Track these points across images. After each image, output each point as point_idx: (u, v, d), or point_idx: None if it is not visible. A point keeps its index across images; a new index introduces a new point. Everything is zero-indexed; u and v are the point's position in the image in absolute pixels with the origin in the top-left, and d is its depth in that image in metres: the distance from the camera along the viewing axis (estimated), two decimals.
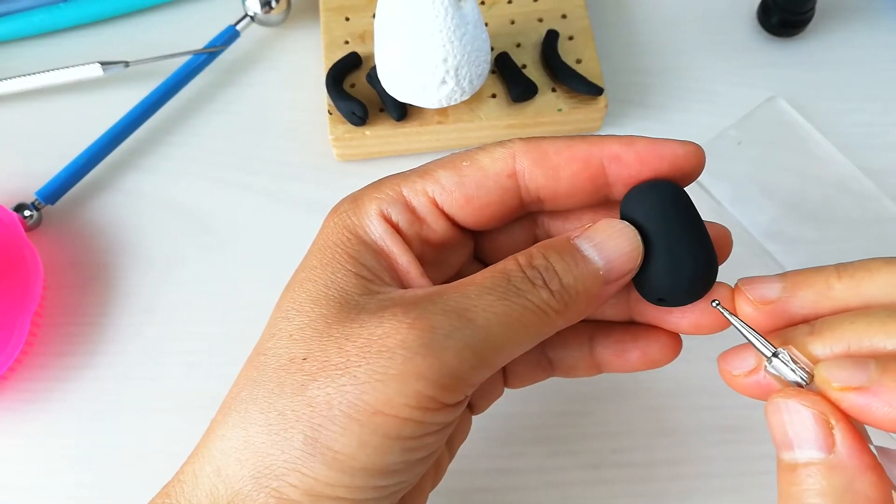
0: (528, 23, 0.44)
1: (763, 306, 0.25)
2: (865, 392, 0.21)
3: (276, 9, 0.45)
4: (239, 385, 0.25)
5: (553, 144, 0.26)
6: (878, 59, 0.45)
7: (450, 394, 0.23)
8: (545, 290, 0.24)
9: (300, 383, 0.24)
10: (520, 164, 0.26)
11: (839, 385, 0.22)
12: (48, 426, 0.37)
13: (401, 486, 0.25)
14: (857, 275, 0.24)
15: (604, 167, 0.26)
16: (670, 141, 0.26)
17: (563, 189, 0.26)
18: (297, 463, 0.23)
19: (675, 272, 0.25)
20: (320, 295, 0.25)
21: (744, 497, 0.35)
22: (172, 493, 0.25)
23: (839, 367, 0.22)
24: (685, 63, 0.46)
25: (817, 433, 0.22)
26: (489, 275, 0.24)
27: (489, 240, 0.29)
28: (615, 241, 0.25)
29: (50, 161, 0.42)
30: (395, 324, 0.23)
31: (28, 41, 0.47)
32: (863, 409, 0.22)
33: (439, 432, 0.24)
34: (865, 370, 0.22)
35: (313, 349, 0.24)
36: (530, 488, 0.36)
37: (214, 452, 0.24)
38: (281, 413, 0.23)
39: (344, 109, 0.41)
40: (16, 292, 0.37)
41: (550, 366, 0.30)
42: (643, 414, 0.37)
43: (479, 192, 0.26)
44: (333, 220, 0.27)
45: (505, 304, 0.24)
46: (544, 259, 0.25)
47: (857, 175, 0.41)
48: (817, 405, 0.22)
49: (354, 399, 0.23)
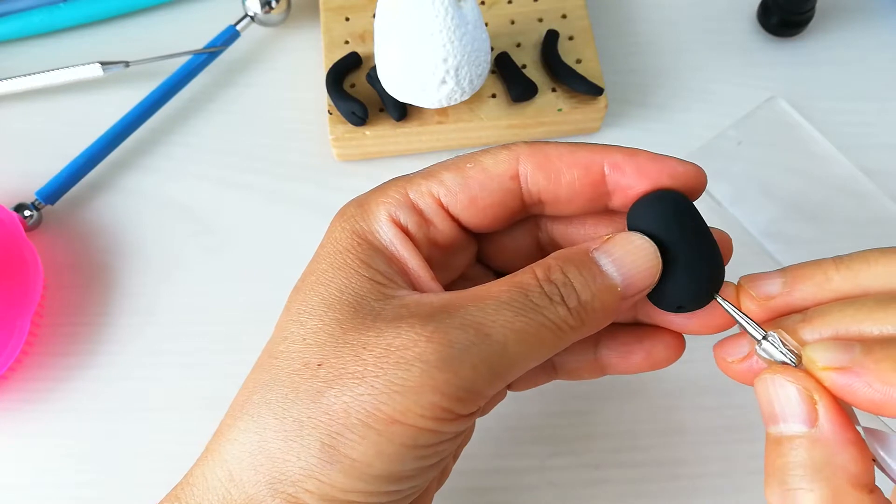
0: (528, 23, 0.44)
1: (766, 302, 0.26)
2: (848, 372, 0.22)
3: (276, 9, 0.45)
4: (250, 388, 0.25)
5: (556, 149, 0.27)
6: (878, 59, 0.45)
7: (464, 405, 0.24)
8: (563, 306, 0.24)
9: (316, 390, 0.24)
10: (522, 167, 0.27)
11: (823, 364, 0.23)
12: (48, 426, 0.37)
13: (413, 490, 0.25)
14: (854, 265, 0.25)
15: (604, 175, 0.26)
16: (672, 158, 0.26)
17: (564, 193, 0.27)
18: (314, 470, 0.23)
19: (694, 281, 0.26)
20: (334, 299, 0.25)
21: (744, 497, 0.35)
22: (182, 497, 0.25)
23: (825, 349, 0.23)
24: (685, 63, 0.46)
25: (801, 407, 0.23)
26: (506, 288, 0.24)
27: (492, 243, 0.29)
28: (634, 257, 0.25)
29: (50, 161, 0.42)
30: (414, 336, 0.23)
31: (28, 41, 0.47)
32: (845, 389, 0.22)
33: (452, 440, 0.25)
34: (850, 352, 0.22)
35: (328, 355, 0.24)
36: (531, 488, 0.36)
37: (226, 457, 0.24)
38: (297, 420, 0.24)
39: (344, 109, 0.41)
40: (16, 292, 0.37)
41: (554, 369, 0.31)
42: (644, 414, 0.37)
43: (483, 193, 0.27)
44: (341, 224, 0.27)
45: (522, 321, 0.24)
46: (562, 274, 0.25)
47: (857, 175, 0.41)
48: (802, 381, 0.23)
49: (372, 409, 0.23)
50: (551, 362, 0.30)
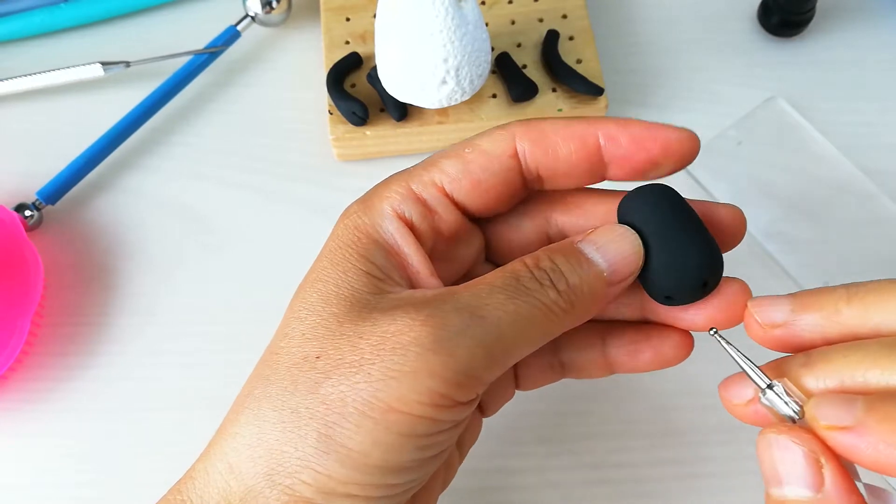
0: (528, 23, 0.44)
1: (771, 329, 0.25)
2: (851, 432, 0.21)
3: (277, 9, 0.45)
4: (251, 383, 0.26)
5: (551, 124, 0.27)
6: (878, 59, 0.45)
7: (462, 391, 0.24)
8: (553, 289, 0.25)
9: (314, 381, 0.24)
10: (520, 145, 0.27)
11: (826, 424, 0.22)
12: (48, 426, 0.37)
13: (412, 484, 0.25)
14: (867, 298, 0.24)
15: (600, 147, 0.27)
16: (665, 125, 0.27)
17: (562, 167, 0.27)
18: (311, 460, 0.23)
19: (677, 270, 0.26)
20: (331, 294, 0.25)
21: (744, 497, 0.35)
22: (184, 490, 0.25)
23: (827, 405, 0.22)
24: (685, 63, 0.46)
25: (807, 471, 0.22)
26: (499, 275, 0.25)
27: (502, 239, 0.30)
28: (617, 245, 0.26)
29: (50, 161, 0.42)
30: (408, 321, 0.24)
31: (28, 41, 0.47)
32: (849, 449, 0.21)
33: (451, 430, 0.25)
34: (852, 409, 0.21)
35: (326, 347, 0.24)
36: (531, 488, 0.36)
37: (227, 450, 0.25)
38: (294, 410, 0.24)
39: (344, 109, 0.41)
40: (16, 292, 0.37)
41: (562, 368, 0.31)
42: (644, 414, 0.37)
43: (485, 176, 0.27)
44: (344, 222, 0.27)
45: (515, 303, 0.24)
46: (550, 261, 0.25)
47: (857, 175, 0.41)
48: (808, 443, 0.22)
49: (368, 396, 0.23)
50: (560, 360, 0.31)
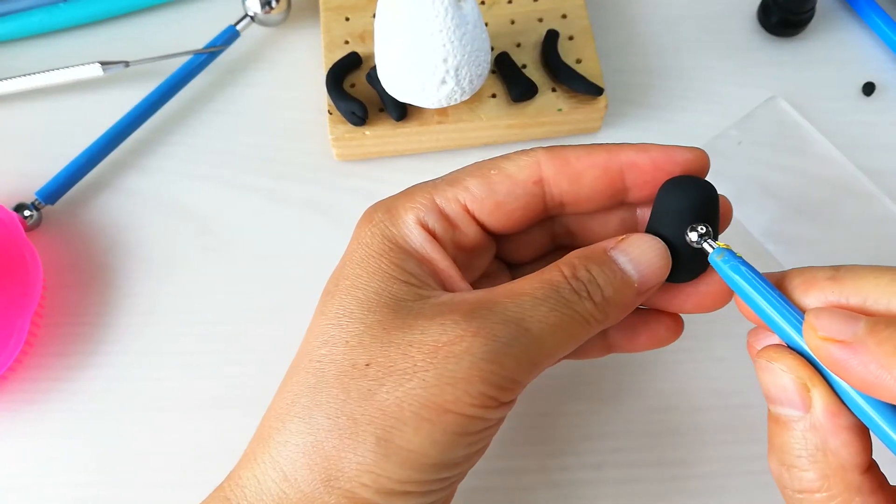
0: (528, 23, 0.44)
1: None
2: (847, 347, 0.22)
3: (276, 9, 0.45)
4: (295, 392, 0.26)
5: (574, 152, 0.28)
6: (877, 59, 0.45)
7: (507, 393, 0.26)
8: (590, 301, 0.26)
9: (367, 388, 0.25)
10: (545, 172, 0.28)
11: (823, 335, 0.23)
12: (48, 426, 0.37)
13: (459, 476, 0.27)
14: None
15: (622, 173, 0.28)
16: (679, 147, 0.28)
17: (585, 194, 0.28)
18: (370, 464, 0.24)
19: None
20: (373, 302, 0.26)
21: (744, 497, 0.35)
22: (233, 498, 0.26)
23: (828, 317, 0.23)
24: (685, 63, 0.46)
25: (795, 395, 0.24)
26: (538, 285, 0.26)
27: (510, 239, 0.31)
28: (648, 257, 0.27)
29: (50, 161, 0.42)
30: (460, 332, 0.25)
31: (28, 41, 0.47)
32: (839, 363, 0.22)
33: (495, 426, 0.27)
34: (853, 326, 0.22)
35: (375, 355, 0.25)
36: (531, 488, 0.36)
37: (278, 458, 0.26)
38: (351, 417, 0.25)
39: (344, 109, 0.41)
40: (16, 292, 0.37)
41: None
42: (644, 414, 0.37)
43: (508, 199, 0.28)
44: (370, 229, 0.28)
45: (556, 315, 0.26)
46: (587, 271, 0.27)
47: (857, 175, 0.41)
48: (795, 370, 0.24)
49: (425, 401, 0.25)
50: None
